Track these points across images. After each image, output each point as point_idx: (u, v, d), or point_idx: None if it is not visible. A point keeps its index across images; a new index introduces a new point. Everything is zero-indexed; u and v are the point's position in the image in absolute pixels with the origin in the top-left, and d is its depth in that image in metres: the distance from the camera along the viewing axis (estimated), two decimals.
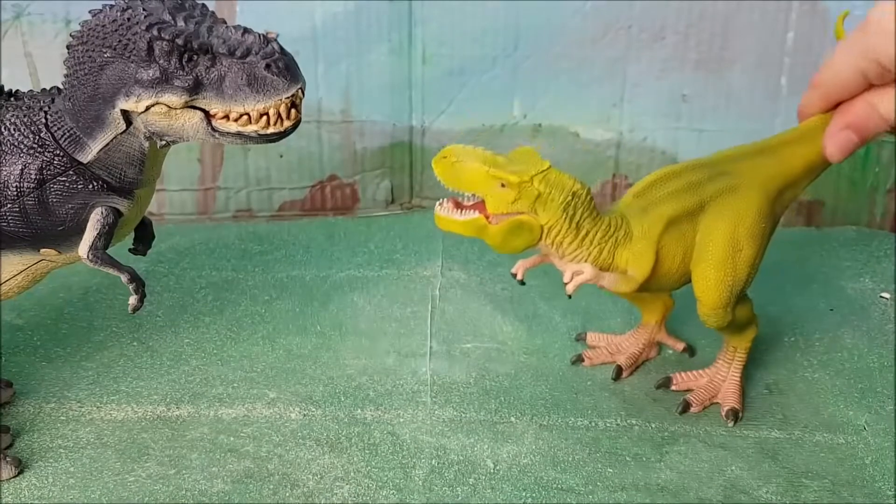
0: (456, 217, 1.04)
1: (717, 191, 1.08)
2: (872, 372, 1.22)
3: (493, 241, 1.04)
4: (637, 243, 1.06)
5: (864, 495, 1.03)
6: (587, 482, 1.04)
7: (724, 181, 1.09)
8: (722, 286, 1.07)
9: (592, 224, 1.04)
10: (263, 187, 1.61)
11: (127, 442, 1.09)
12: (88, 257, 1.02)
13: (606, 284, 1.07)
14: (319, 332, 1.30)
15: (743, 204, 1.08)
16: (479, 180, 1.01)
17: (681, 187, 1.08)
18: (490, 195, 1.01)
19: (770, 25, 1.53)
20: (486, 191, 1.01)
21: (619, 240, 1.05)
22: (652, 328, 1.24)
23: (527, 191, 1.01)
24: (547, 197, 1.02)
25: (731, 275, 1.07)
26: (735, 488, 1.04)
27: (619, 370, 1.21)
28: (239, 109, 0.95)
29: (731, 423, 1.13)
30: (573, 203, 1.03)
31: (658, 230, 1.06)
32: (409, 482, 1.04)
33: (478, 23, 1.53)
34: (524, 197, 1.01)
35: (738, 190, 1.08)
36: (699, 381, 1.18)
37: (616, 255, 1.05)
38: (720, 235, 1.07)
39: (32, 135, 0.99)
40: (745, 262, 1.07)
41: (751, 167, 1.11)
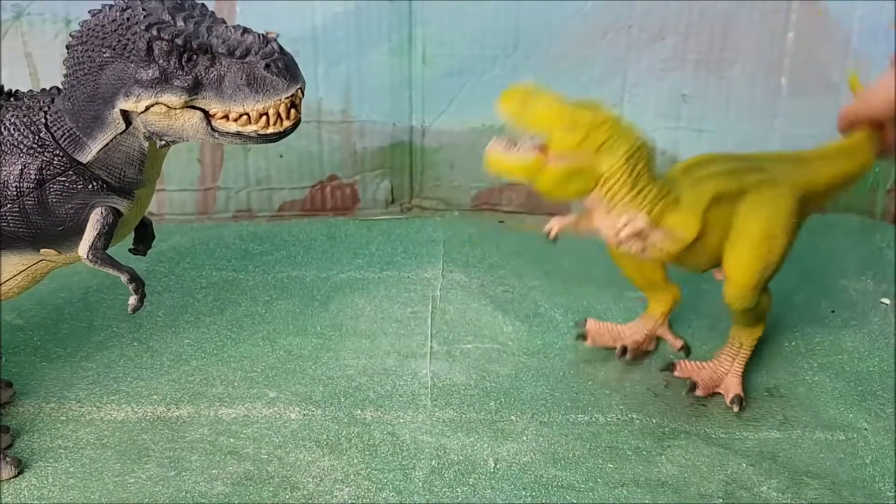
0: (510, 157, 1.03)
1: (757, 181, 1.11)
2: (873, 375, 1.22)
3: (548, 183, 1.03)
4: (685, 210, 1.07)
5: (865, 496, 1.03)
6: (587, 478, 1.04)
7: (763, 174, 1.12)
8: (754, 268, 1.09)
9: (649, 181, 1.05)
10: (263, 187, 1.61)
11: (127, 443, 1.09)
12: (88, 257, 1.02)
13: (656, 238, 1.07)
14: (320, 332, 1.30)
15: (779, 198, 1.11)
16: (548, 118, 1.01)
17: (724, 171, 1.11)
18: (556, 134, 1.01)
19: (770, 25, 1.53)
20: (553, 129, 1.01)
21: (669, 203, 1.07)
22: (656, 319, 1.24)
23: (595, 134, 1.01)
24: (613, 144, 1.02)
25: (765, 258, 1.09)
26: (736, 484, 1.04)
27: (623, 349, 1.22)
28: (238, 109, 0.95)
29: (737, 409, 1.14)
30: (636, 155, 1.03)
31: (704, 203, 1.08)
32: (408, 483, 1.04)
33: (478, 23, 1.53)
34: (591, 140, 1.01)
35: (775, 185, 1.11)
36: (702, 372, 1.18)
37: (664, 218, 1.06)
38: (758, 221, 1.09)
39: (32, 135, 0.99)
40: (777, 251, 1.10)
41: (785, 169, 1.14)
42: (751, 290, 1.10)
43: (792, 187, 1.12)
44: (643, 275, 1.20)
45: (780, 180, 1.12)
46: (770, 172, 1.13)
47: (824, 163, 1.17)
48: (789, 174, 1.14)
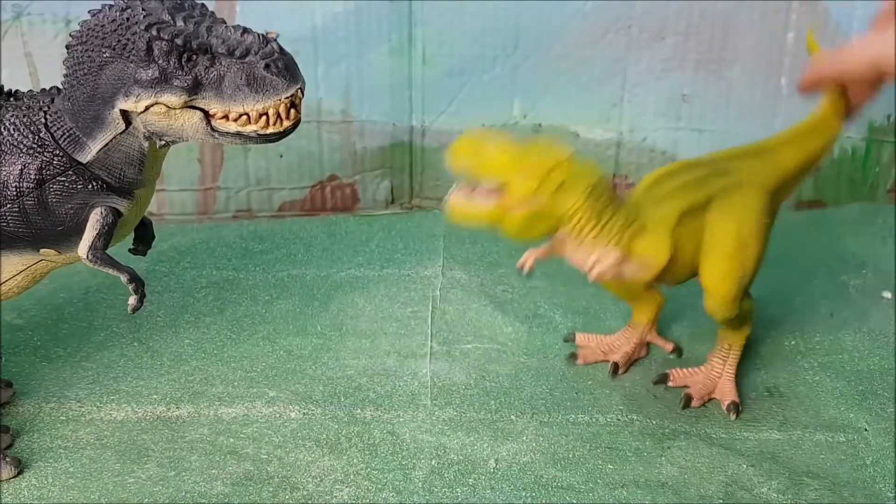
0: (471, 206, 1.02)
1: (722, 187, 1.10)
2: (873, 374, 1.22)
3: (514, 228, 1.02)
4: (654, 233, 1.06)
5: (865, 496, 1.03)
6: (587, 479, 1.04)
7: (728, 178, 1.11)
8: (731, 279, 1.08)
9: (613, 212, 1.04)
10: (263, 187, 1.61)
11: (127, 443, 1.09)
12: (88, 257, 1.02)
13: (627, 271, 1.07)
14: (320, 332, 1.30)
15: (747, 201, 1.10)
16: (502, 167, 1.00)
17: (688, 182, 1.09)
18: (512, 182, 1.00)
19: (770, 25, 1.53)
20: (508, 178, 1.00)
21: (637, 230, 1.06)
22: (643, 327, 1.24)
23: (550, 178, 1.00)
24: (570, 185, 1.01)
25: (740, 268, 1.09)
26: (736, 485, 1.04)
27: (615, 366, 1.21)
28: (238, 109, 0.95)
29: (734, 416, 1.13)
30: (596, 190, 1.02)
31: (672, 221, 1.07)
32: (408, 483, 1.04)
33: (478, 23, 1.53)
34: (547, 185, 1.00)
35: (741, 187, 1.10)
36: (695, 378, 1.18)
37: (633, 245, 1.06)
38: (728, 232, 1.08)
39: (32, 135, 0.99)
40: (752, 257, 1.09)
41: (749, 166, 1.13)
42: (731, 301, 1.09)
43: (760, 185, 1.11)
44: (624, 286, 1.19)
45: (746, 181, 1.11)
46: (735, 174, 1.11)
47: (789, 148, 1.16)
48: (754, 171, 1.12)
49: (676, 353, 1.25)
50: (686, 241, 1.08)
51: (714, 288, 1.09)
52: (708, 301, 1.10)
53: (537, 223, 1.02)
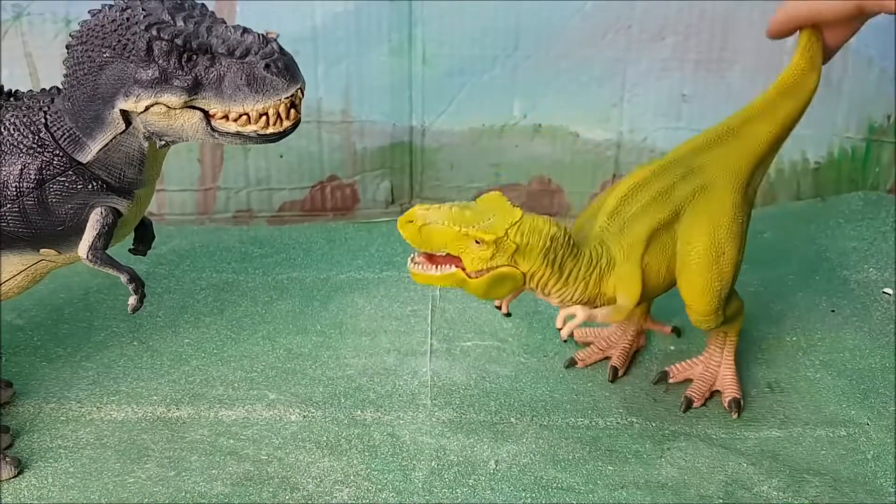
0: (433, 273, 1.01)
1: (689, 193, 1.07)
2: (874, 372, 1.22)
3: (477, 292, 1.01)
4: (621, 268, 1.04)
5: (866, 492, 1.03)
6: (587, 480, 1.04)
7: (694, 181, 1.08)
8: (711, 291, 1.07)
9: (574, 262, 1.02)
10: (263, 187, 1.61)
11: (127, 443, 1.09)
12: (88, 257, 1.02)
13: (600, 319, 1.05)
14: (319, 331, 1.30)
15: (717, 205, 1.07)
16: (452, 240, 0.98)
17: (652, 198, 1.06)
18: (466, 254, 0.98)
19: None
20: (461, 250, 0.99)
21: (604, 269, 1.04)
22: (638, 318, 1.24)
23: (503, 245, 0.98)
24: (525, 247, 0.99)
25: (718, 279, 1.07)
26: (736, 484, 1.04)
27: (614, 371, 1.20)
28: (238, 109, 0.95)
29: (735, 415, 1.13)
30: (552, 247, 1.00)
31: (639, 251, 1.05)
32: (408, 484, 1.04)
33: (478, 23, 1.53)
34: (502, 251, 0.98)
35: (710, 189, 1.08)
36: (695, 370, 1.18)
37: (602, 284, 1.04)
38: (701, 243, 1.06)
39: (32, 135, 0.99)
40: (729, 263, 1.07)
41: (718, 157, 1.10)
42: (713, 313, 1.08)
43: (731, 179, 1.08)
44: None
45: (715, 181, 1.08)
46: (702, 173, 1.08)
47: (760, 123, 1.11)
48: (724, 161, 1.09)
49: (676, 333, 1.25)
50: (658, 260, 1.06)
51: (694, 302, 1.07)
52: (691, 315, 1.09)
53: (500, 285, 1.01)
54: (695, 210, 1.07)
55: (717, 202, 1.07)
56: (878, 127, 1.60)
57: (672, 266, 1.07)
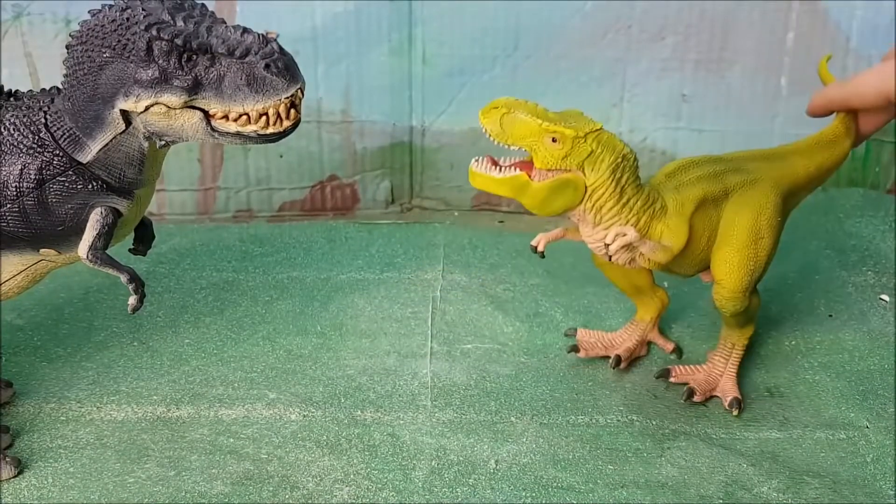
0: (495, 174, 1.02)
1: (740, 182, 1.11)
2: (873, 374, 1.22)
3: (535, 199, 1.02)
4: (672, 218, 1.07)
5: (865, 494, 1.03)
6: (587, 480, 1.04)
7: (745, 175, 1.12)
8: (744, 270, 1.09)
9: (635, 191, 1.04)
10: (263, 187, 1.61)
11: (127, 443, 1.09)
12: (88, 257, 1.02)
13: (646, 250, 1.07)
14: (320, 332, 1.30)
15: (763, 197, 1.11)
16: (531, 133, 0.99)
17: (707, 174, 1.10)
18: (540, 149, 1.00)
19: (770, 25, 1.53)
20: (536, 144, 1.00)
21: (656, 212, 1.06)
22: (646, 325, 1.24)
23: (579, 147, 1.00)
24: (598, 156, 1.01)
25: (753, 260, 1.09)
26: (736, 485, 1.04)
27: (617, 359, 1.21)
28: (238, 109, 0.95)
29: (736, 412, 1.13)
30: (622, 166, 1.02)
31: (690, 208, 1.07)
32: (408, 483, 1.04)
33: (478, 23, 1.53)
34: (575, 153, 1.00)
35: (758, 184, 1.11)
36: (696, 376, 1.18)
37: (651, 226, 1.06)
38: (744, 222, 1.09)
39: (32, 135, 0.99)
40: (765, 250, 1.10)
41: (765, 167, 1.14)
42: (742, 293, 1.10)
43: (774, 185, 1.12)
44: (630, 281, 1.20)
45: (762, 179, 1.12)
46: (750, 172, 1.12)
47: (800, 157, 1.17)
48: (769, 172, 1.13)
49: (676, 354, 1.25)
50: (701, 229, 1.08)
51: (725, 279, 1.10)
52: (718, 292, 1.11)
53: (560, 195, 1.02)
54: (742, 195, 1.10)
55: (763, 195, 1.11)
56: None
57: (712, 240, 1.10)
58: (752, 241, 1.09)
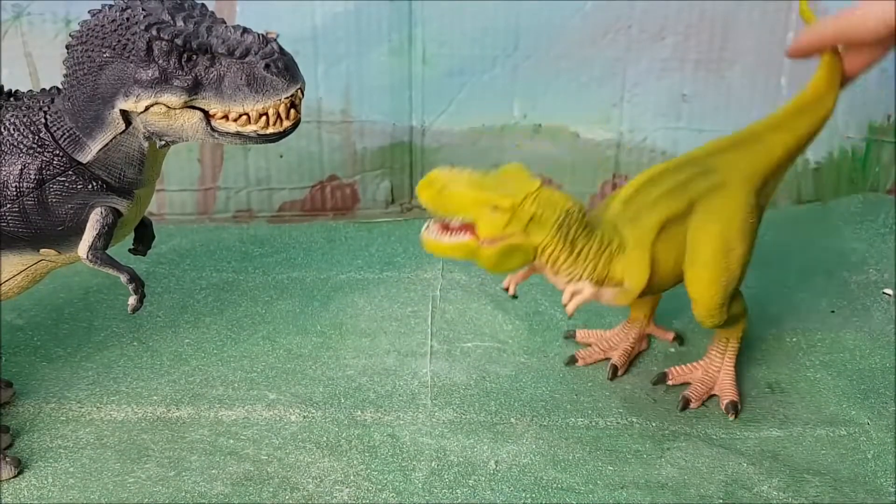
0: (445, 241, 1.01)
1: (705, 189, 1.08)
2: (874, 372, 1.22)
3: (487, 263, 1.02)
4: (631, 253, 1.05)
5: (866, 492, 1.03)
6: (587, 481, 1.04)
7: (711, 179, 1.09)
8: (716, 286, 1.07)
9: (586, 240, 1.03)
10: (263, 187, 1.61)
11: (127, 443, 1.09)
12: (88, 257, 1.02)
13: (605, 300, 1.07)
14: (319, 331, 1.30)
15: (731, 203, 1.08)
16: (469, 205, 0.99)
17: (668, 190, 1.08)
18: (481, 220, 0.99)
19: (770, 25, 1.53)
20: (476, 215, 0.99)
21: (614, 252, 1.05)
22: (641, 322, 1.24)
23: (519, 213, 0.99)
24: (540, 217, 1.00)
25: (725, 274, 1.07)
26: (737, 484, 1.04)
27: (614, 369, 1.21)
28: (238, 109, 0.95)
29: (732, 417, 1.13)
30: (566, 221, 1.01)
31: (650, 238, 1.05)
32: (408, 484, 1.04)
33: (478, 23, 1.53)
34: (517, 219, 0.99)
35: (724, 187, 1.08)
36: (694, 374, 1.18)
37: (611, 267, 1.05)
38: (711, 237, 1.07)
39: (32, 135, 0.99)
40: (738, 260, 1.08)
41: (735, 160, 1.11)
42: (718, 308, 1.08)
43: (744, 182, 1.09)
44: None
45: (730, 180, 1.09)
46: (717, 173, 1.09)
47: (778, 133, 1.13)
48: (740, 164, 1.10)
49: (678, 342, 1.25)
50: (668, 250, 1.07)
51: (699, 296, 1.08)
52: (695, 309, 1.09)
53: (511, 257, 1.02)
54: (708, 205, 1.08)
55: (731, 200, 1.08)
56: (878, 127, 1.60)
57: (680, 259, 1.08)
58: (722, 255, 1.06)
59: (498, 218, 0.99)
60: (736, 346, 1.17)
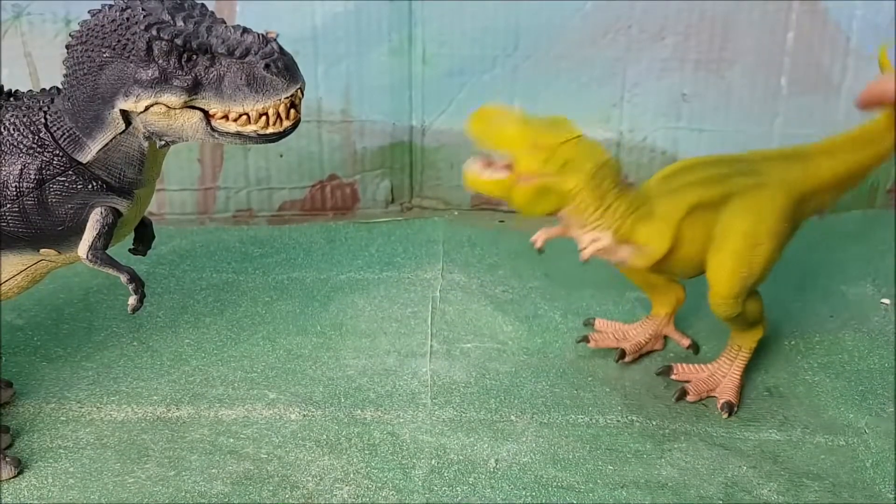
0: (484, 176, 1.04)
1: (745, 186, 1.09)
2: (873, 374, 1.22)
3: (519, 201, 1.04)
4: (657, 222, 1.07)
5: (865, 497, 1.03)
6: (587, 480, 1.04)
7: (753, 178, 1.10)
8: (736, 276, 1.08)
9: (617, 196, 1.05)
10: (263, 187, 1.61)
11: (127, 443, 1.09)
12: (88, 257, 1.02)
13: (622, 256, 1.08)
14: (319, 331, 1.30)
15: (768, 202, 1.09)
16: (512, 140, 1.02)
17: (708, 177, 1.10)
18: (521, 155, 1.02)
19: (770, 25, 1.53)
20: (517, 150, 1.02)
21: (641, 216, 1.06)
22: (661, 320, 1.24)
23: (558, 153, 1.02)
24: (576, 163, 1.03)
25: (747, 266, 1.08)
26: (736, 486, 1.04)
27: (622, 353, 1.22)
28: (238, 109, 0.95)
29: (726, 415, 1.13)
30: (601, 173, 1.04)
31: (680, 214, 1.07)
32: (408, 482, 1.04)
33: (478, 23, 1.53)
34: (554, 160, 1.02)
35: (764, 188, 1.10)
36: (700, 375, 1.18)
37: (635, 230, 1.06)
38: (742, 228, 1.08)
39: (32, 135, 0.99)
40: (762, 257, 1.09)
41: (780, 169, 1.12)
42: (733, 299, 1.09)
43: (784, 188, 1.10)
44: (643, 276, 1.20)
45: (771, 182, 1.10)
46: (762, 175, 1.10)
47: (827, 158, 1.13)
48: (783, 174, 1.11)
49: (692, 350, 1.25)
50: (696, 234, 1.08)
51: (717, 283, 1.09)
52: (711, 296, 1.10)
53: (543, 199, 1.04)
54: (745, 200, 1.09)
55: (768, 200, 1.09)
56: None
57: (705, 247, 1.09)
58: (748, 247, 1.08)
59: (535, 157, 1.02)
60: (747, 356, 1.17)
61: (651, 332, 1.24)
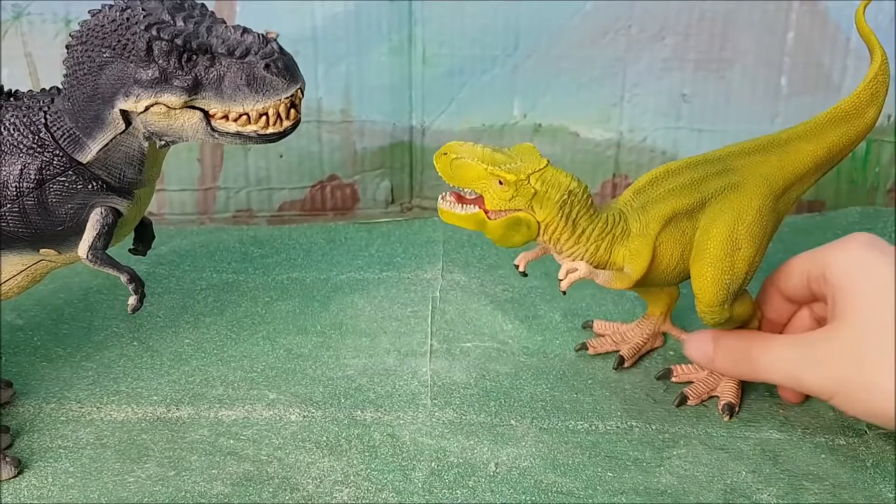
0: (457, 211, 1.05)
1: (719, 188, 1.09)
2: None
3: (493, 235, 1.05)
4: (634, 241, 1.06)
5: (865, 497, 1.03)
6: (587, 486, 1.04)
7: (727, 178, 1.09)
8: (719, 284, 1.07)
9: (589, 221, 1.05)
10: (263, 187, 1.61)
11: (127, 443, 1.09)
12: (88, 257, 1.02)
13: (601, 282, 1.08)
14: (319, 331, 1.30)
15: (744, 202, 1.08)
16: (478, 177, 1.02)
17: (682, 184, 1.09)
18: (488, 192, 1.02)
19: (770, 25, 1.53)
20: (484, 188, 1.02)
21: (617, 237, 1.06)
22: (657, 319, 1.24)
23: (523, 188, 1.02)
24: (543, 195, 1.02)
25: (729, 273, 1.07)
26: (735, 492, 1.03)
27: (620, 360, 1.21)
28: (238, 109, 0.95)
29: (727, 418, 1.13)
30: (569, 201, 1.03)
31: (655, 228, 1.06)
32: (408, 484, 1.04)
33: (478, 23, 1.53)
34: (521, 194, 1.02)
35: (740, 188, 1.09)
36: (699, 374, 1.18)
37: (613, 252, 1.06)
38: (719, 234, 1.07)
39: (32, 135, 0.99)
40: (744, 261, 1.07)
41: (756, 163, 1.11)
42: (718, 307, 1.08)
43: (761, 184, 1.09)
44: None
45: (748, 182, 1.09)
46: (737, 173, 1.09)
47: (805, 142, 1.12)
48: (759, 168, 1.10)
49: None
50: (673, 244, 1.07)
51: (700, 292, 1.08)
52: (697, 305, 1.09)
53: (515, 232, 1.04)
54: (720, 203, 1.08)
55: (745, 200, 1.08)
56: (878, 127, 1.60)
57: (687, 254, 1.09)
58: (727, 253, 1.06)
59: (503, 191, 1.02)
60: None
61: (648, 332, 1.24)
